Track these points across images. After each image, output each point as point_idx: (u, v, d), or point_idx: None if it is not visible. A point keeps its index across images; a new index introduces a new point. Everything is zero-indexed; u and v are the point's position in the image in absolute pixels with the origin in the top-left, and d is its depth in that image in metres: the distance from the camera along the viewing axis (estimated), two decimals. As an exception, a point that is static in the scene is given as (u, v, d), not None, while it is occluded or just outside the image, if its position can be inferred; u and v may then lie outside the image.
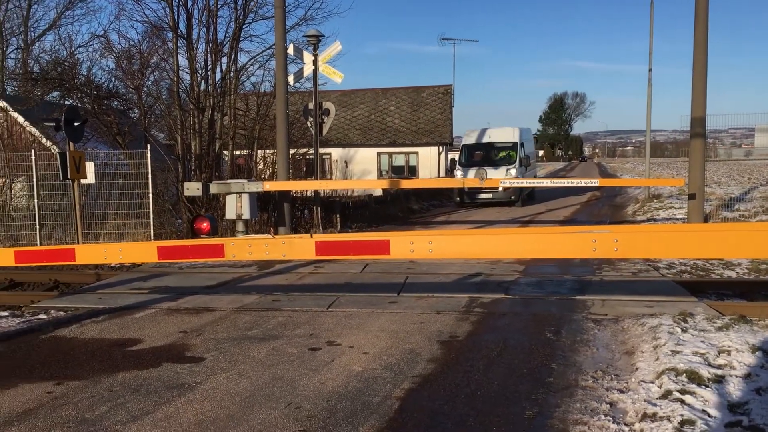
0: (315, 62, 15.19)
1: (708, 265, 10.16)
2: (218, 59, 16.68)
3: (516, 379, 5.17)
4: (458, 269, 10.00)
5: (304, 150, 21.16)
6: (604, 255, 5.48)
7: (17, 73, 26.32)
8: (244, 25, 17.09)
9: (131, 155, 14.75)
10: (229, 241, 6.25)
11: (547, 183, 24.55)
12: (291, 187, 14.71)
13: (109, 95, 19.46)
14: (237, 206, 12.22)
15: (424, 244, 5.62)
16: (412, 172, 29.97)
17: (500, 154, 23.09)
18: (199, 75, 16.45)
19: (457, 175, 22.54)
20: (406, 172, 29.99)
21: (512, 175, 21.09)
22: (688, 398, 4.41)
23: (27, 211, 14.73)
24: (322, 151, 19.93)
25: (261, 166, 18.32)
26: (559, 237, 5.69)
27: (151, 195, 13.71)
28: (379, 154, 30.38)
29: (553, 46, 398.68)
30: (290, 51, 15.13)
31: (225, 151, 17.76)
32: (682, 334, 5.91)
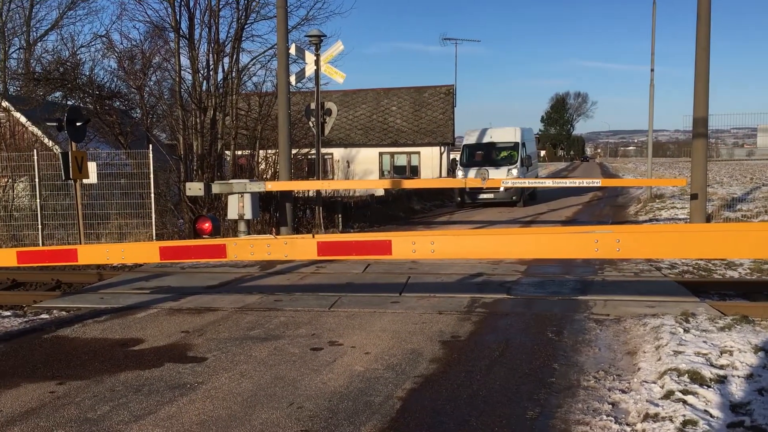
0: (317, 62, 15.20)
1: (710, 265, 10.15)
2: (220, 59, 16.70)
3: (518, 380, 5.17)
4: (460, 269, 10.00)
5: (306, 150, 21.19)
6: (606, 255, 5.47)
7: (19, 73, 26.36)
8: (246, 25, 17.12)
9: (133, 155, 14.75)
10: (231, 242, 6.25)
11: (549, 183, 24.48)
12: (293, 187, 14.72)
13: (111, 95, 19.46)
14: (239, 206, 12.22)
15: (426, 245, 5.61)
16: (414, 172, 29.96)
17: (502, 154, 23.01)
18: (201, 75, 16.49)
19: (459, 175, 22.47)
20: (408, 172, 29.98)
21: (514, 176, 21.04)
22: (690, 398, 4.40)
23: (29, 211, 14.74)
24: (323, 151, 19.96)
25: (263, 166, 18.35)
26: (561, 237, 5.68)
27: (153, 195, 13.72)
28: (381, 154, 30.38)
29: (556, 46, 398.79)
30: (292, 51, 15.14)
31: (227, 151, 17.77)
32: (684, 335, 5.90)
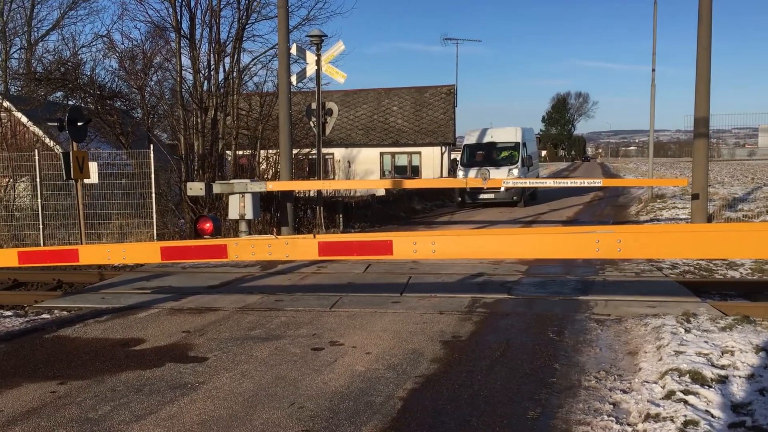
0: (318, 62, 15.21)
1: (711, 265, 10.14)
2: (221, 59, 16.70)
3: (519, 380, 5.16)
4: (461, 269, 9.99)
5: (307, 150, 21.20)
6: (607, 255, 5.47)
7: (21, 73, 26.38)
8: (247, 25, 17.12)
9: (134, 155, 14.76)
10: (232, 242, 6.26)
11: (550, 183, 24.47)
12: (294, 187, 14.72)
13: (113, 95, 19.47)
14: (240, 206, 12.22)
15: (427, 245, 5.61)
16: (415, 172, 29.95)
17: (502, 154, 22.99)
18: (202, 75, 16.49)
19: (459, 176, 22.45)
20: (409, 172, 29.97)
21: (514, 176, 21.03)
22: (692, 399, 4.40)
23: (30, 211, 14.75)
24: (324, 151, 19.96)
25: (264, 166, 18.35)
26: (562, 237, 5.68)
27: (154, 195, 13.73)
28: (382, 154, 30.38)
29: (557, 46, 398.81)
30: (293, 51, 15.15)
31: (228, 151, 17.79)
32: (685, 335, 5.90)
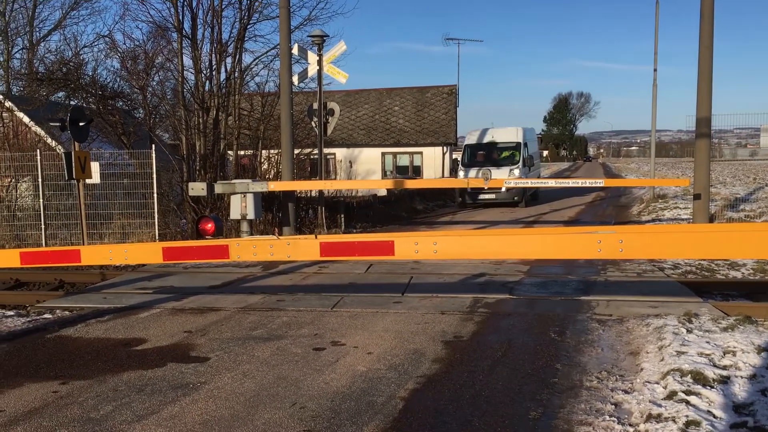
0: (319, 62, 15.21)
1: (713, 265, 10.13)
2: (223, 59, 16.71)
3: (520, 380, 5.16)
4: (462, 269, 9.99)
5: (308, 150, 21.20)
6: (608, 256, 5.47)
7: (23, 73, 26.39)
8: (248, 26, 17.15)
9: (136, 155, 14.77)
10: (234, 242, 6.26)
11: (552, 183, 24.45)
12: (295, 187, 14.72)
13: (114, 95, 19.51)
14: (241, 206, 12.23)
15: (428, 245, 5.61)
16: (417, 172, 29.94)
17: (503, 155, 22.96)
18: (203, 75, 16.49)
19: (460, 176, 22.45)
20: (411, 173, 29.96)
21: (515, 176, 21.01)
22: (693, 399, 4.40)
23: (32, 211, 14.77)
24: (326, 151, 19.96)
25: (265, 166, 18.36)
26: (564, 237, 5.68)
27: (155, 195, 13.74)
28: (384, 154, 30.37)
29: (557, 46, 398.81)
30: (295, 51, 15.15)
31: (229, 151, 17.80)
32: (687, 335, 5.89)
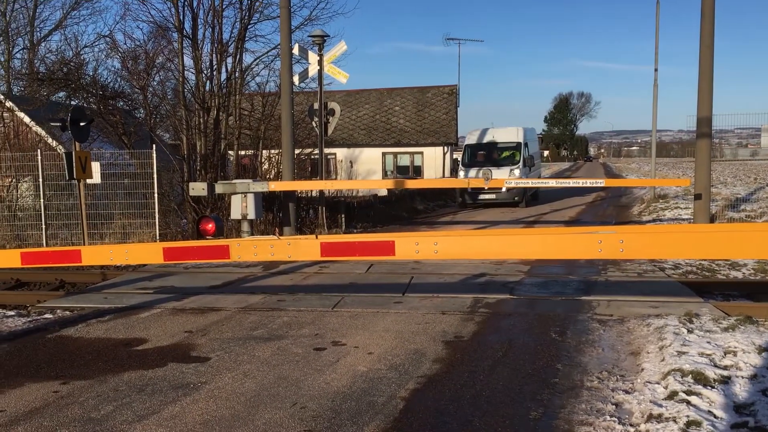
0: (320, 62, 15.21)
1: (714, 265, 10.12)
2: (223, 59, 16.72)
3: (521, 380, 5.16)
4: (463, 269, 9.99)
5: (309, 150, 21.20)
6: (609, 256, 5.47)
7: (23, 73, 26.38)
8: (249, 26, 17.15)
9: (137, 155, 14.78)
10: (235, 243, 6.26)
11: (552, 183, 24.45)
12: (296, 187, 14.72)
13: (115, 95, 19.53)
14: (242, 206, 12.23)
15: (429, 245, 5.60)
16: (417, 172, 29.94)
17: (503, 155, 22.94)
18: (204, 75, 16.50)
19: (460, 176, 22.43)
20: (411, 173, 29.96)
21: (516, 176, 20.99)
22: (694, 399, 4.40)
23: (33, 211, 14.78)
24: (327, 151, 19.96)
25: (266, 166, 18.36)
26: (565, 238, 5.68)
27: (156, 195, 13.75)
28: (384, 154, 30.36)
29: (559, 46, 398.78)
30: (295, 51, 15.14)
31: (230, 151, 17.80)
32: (687, 335, 5.89)
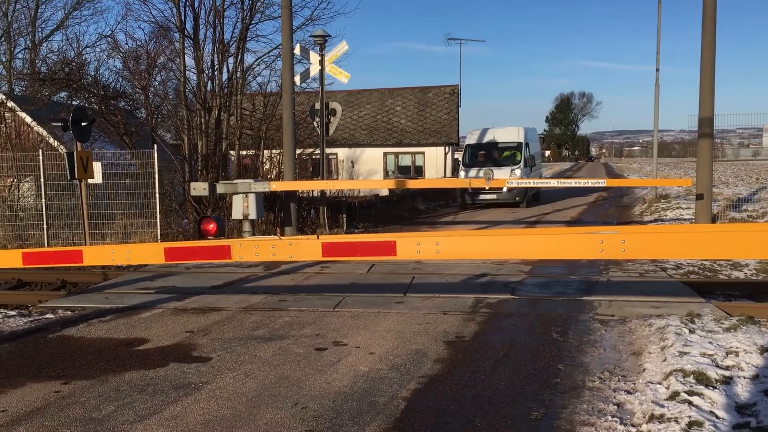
0: (321, 62, 15.21)
1: (716, 265, 10.11)
2: (225, 59, 16.74)
3: (522, 380, 5.16)
4: (464, 269, 9.99)
5: (310, 150, 21.20)
6: (611, 256, 5.46)
7: (25, 73, 26.42)
8: (250, 26, 17.18)
9: (138, 155, 14.80)
10: (236, 243, 6.26)
11: (554, 183, 24.44)
12: (297, 187, 14.73)
13: (116, 95, 19.56)
14: (243, 206, 12.25)
15: (430, 245, 5.61)
16: (419, 172, 29.93)
17: (504, 155, 22.90)
18: (205, 75, 16.52)
19: (461, 176, 22.40)
20: (413, 173, 29.95)
21: (517, 176, 20.95)
22: (696, 399, 4.39)
23: (34, 211, 14.79)
24: (328, 151, 19.96)
25: (267, 166, 18.37)
26: (566, 238, 5.68)
27: (157, 195, 13.76)
28: (386, 154, 30.35)
29: (560, 46, 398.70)
30: (297, 51, 15.15)
31: (231, 151, 17.81)
32: (689, 335, 5.88)
